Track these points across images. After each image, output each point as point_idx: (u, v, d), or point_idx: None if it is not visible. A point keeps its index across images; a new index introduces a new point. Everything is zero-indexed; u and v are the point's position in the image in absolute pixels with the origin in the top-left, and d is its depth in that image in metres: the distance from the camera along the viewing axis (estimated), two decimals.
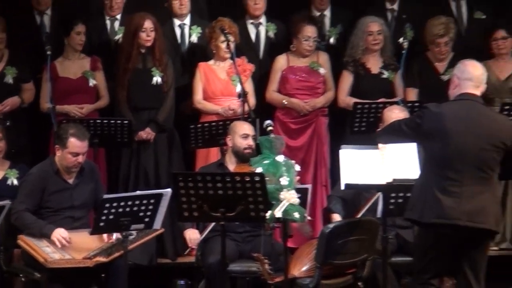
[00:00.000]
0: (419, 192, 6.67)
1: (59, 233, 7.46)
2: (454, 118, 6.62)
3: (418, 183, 6.77)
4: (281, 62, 9.23)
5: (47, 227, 7.53)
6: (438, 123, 6.63)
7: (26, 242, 7.49)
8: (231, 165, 7.89)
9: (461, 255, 6.67)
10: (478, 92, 6.70)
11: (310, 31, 9.11)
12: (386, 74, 9.16)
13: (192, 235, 7.69)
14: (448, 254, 6.67)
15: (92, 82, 9.04)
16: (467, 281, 6.69)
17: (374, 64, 9.19)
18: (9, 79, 8.89)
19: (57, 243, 7.42)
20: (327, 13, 9.63)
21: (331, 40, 9.60)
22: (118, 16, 9.38)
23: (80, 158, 7.67)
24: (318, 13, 9.58)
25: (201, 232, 7.99)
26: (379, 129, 7.30)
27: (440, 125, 6.61)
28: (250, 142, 7.67)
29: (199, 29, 9.40)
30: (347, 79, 9.22)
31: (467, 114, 6.63)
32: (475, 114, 6.63)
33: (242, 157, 7.65)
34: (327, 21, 9.64)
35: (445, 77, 9.05)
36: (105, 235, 7.58)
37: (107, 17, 9.42)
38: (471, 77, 6.69)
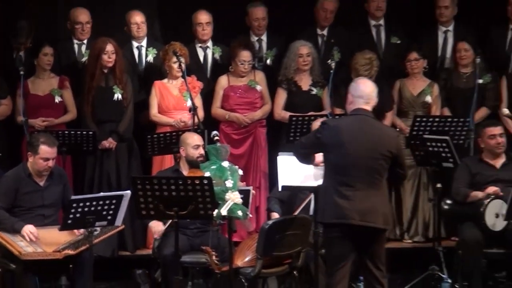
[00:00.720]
0: (322, 196, 6.70)
1: (28, 229, 7.45)
2: (349, 131, 6.65)
3: (321, 188, 6.77)
4: (222, 82, 9.22)
5: (18, 223, 7.49)
6: (335, 136, 6.65)
7: (2, 237, 7.45)
8: (185, 170, 7.88)
9: (361, 251, 6.68)
10: (369, 107, 6.74)
11: (245, 55, 9.08)
12: (315, 91, 9.19)
13: (157, 227, 7.68)
14: (350, 250, 6.64)
15: (57, 99, 8.94)
16: (371, 272, 6.71)
17: (304, 82, 9.18)
18: None
19: (27, 237, 7.40)
20: (264, 38, 9.60)
21: (268, 61, 9.57)
22: (85, 41, 9.28)
23: (50, 163, 7.65)
24: (256, 38, 9.56)
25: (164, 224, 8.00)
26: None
27: (336, 138, 6.64)
28: (201, 151, 7.69)
29: (154, 51, 9.35)
30: (282, 95, 9.23)
31: (360, 127, 6.67)
32: (367, 127, 6.68)
33: (195, 164, 7.60)
34: (264, 45, 9.61)
35: None
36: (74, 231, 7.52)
37: (75, 41, 9.30)
38: (363, 94, 6.73)
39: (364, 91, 6.76)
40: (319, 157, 6.90)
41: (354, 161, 6.57)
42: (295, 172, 7.18)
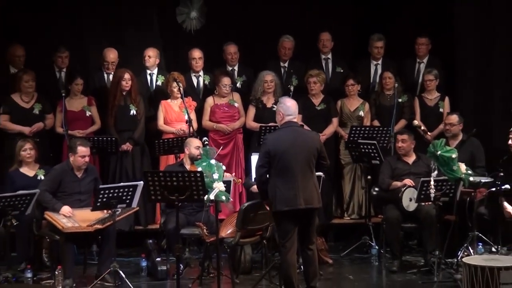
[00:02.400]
0: (271, 192, 6.65)
1: (65, 210, 7.55)
2: (287, 139, 6.66)
3: (270, 186, 6.67)
4: (209, 101, 9.15)
5: (58, 204, 7.56)
6: (278, 145, 6.64)
7: (50, 215, 7.56)
8: (188, 165, 7.93)
9: (302, 225, 6.72)
10: (295, 119, 6.81)
11: (226, 81, 9.05)
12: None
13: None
14: (294, 227, 6.68)
15: (88, 113, 8.90)
16: (308, 237, 6.75)
17: (269, 101, 9.09)
18: (36, 111, 8.74)
19: (64, 215, 7.52)
20: (236, 68, 9.46)
21: (238, 85, 9.40)
22: (113, 72, 9.13)
23: (86, 159, 7.73)
24: (230, 68, 9.43)
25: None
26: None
27: (277, 146, 6.63)
28: (200, 151, 7.51)
29: (162, 77, 9.23)
30: (252, 111, 9.18)
31: (294, 136, 6.70)
32: (298, 135, 6.74)
33: (196, 160, 7.44)
34: (235, 73, 9.46)
35: (318, 108, 9.12)
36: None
37: (104, 72, 9.22)
38: (290, 112, 6.77)
39: (291, 109, 6.79)
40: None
41: (295, 160, 6.62)
42: None
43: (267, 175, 6.69)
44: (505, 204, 7.94)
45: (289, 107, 6.81)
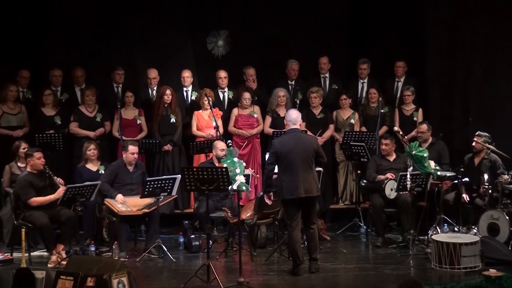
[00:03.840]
0: (278, 185, 6.75)
1: (119, 197, 7.62)
2: (288, 142, 6.75)
3: (278, 179, 6.77)
4: (235, 111, 9.08)
5: (114, 193, 7.64)
6: (283, 147, 6.74)
7: (108, 202, 7.67)
8: (216, 163, 7.88)
9: (304, 209, 6.81)
10: (297, 126, 6.82)
11: (246, 95, 9.00)
12: None
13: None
14: (298, 211, 6.78)
15: (138, 122, 8.88)
16: (309, 219, 6.83)
17: (282, 111, 8.92)
18: (98, 119, 8.76)
19: (119, 201, 7.60)
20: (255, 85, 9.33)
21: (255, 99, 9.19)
22: (155, 88, 9.15)
23: (135, 155, 7.78)
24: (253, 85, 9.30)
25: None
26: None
27: (283, 148, 6.73)
28: (224, 152, 7.45)
29: (195, 93, 9.19)
30: (268, 120, 9.12)
31: (295, 139, 6.76)
32: (298, 138, 6.78)
33: (220, 160, 7.48)
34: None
35: (318, 117, 9.04)
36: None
37: (149, 88, 9.20)
38: (292, 119, 6.84)
39: (292, 117, 6.83)
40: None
41: (296, 158, 6.69)
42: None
43: (274, 171, 6.73)
44: (464, 193, 7.99)
45: (292, 117, 6.85)
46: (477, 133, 8.08)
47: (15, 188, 7.47)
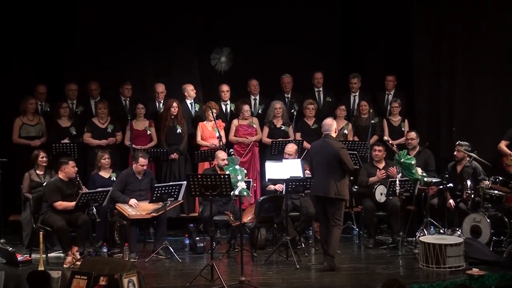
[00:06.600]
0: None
1: (132, 201, 7.62)
2: (316, 147, 6.97)
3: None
4: (235, 122, 9.04)
5: (127, 198, 7.63)
6: (311, 150, 7.08)
7: (120, 206, 7.66)
8: (218, 170, 7.85)
9: (324, 207, 6.91)
10: (329, 133, 6.93)
11: (245, 107, 8.98)
12: (284, 128, 9.05)
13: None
14: (322, 208, 6.92)
15: (148, 132, 8.86)
16: (328, 221, 6.88)
17: (278, 122, 9.02)
18: (109, 130, 8.71)
19: (133, 206, 7.60)
20: (257, 97, 9.38)
21: (259, 111, 9.33)
22: (162, 101, 9.12)
23: (144, 167, 7.79)
24: (253, 97, 9.35)
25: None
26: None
27: (311, 150, 7.06)
28: (225, 162, 7.54)
29: (198, 105, 9.18)
30: (266, 130, 9.09)
31: (320, 145, 6.94)
32: (324, 144, 6.90)
33: (222, 168, 7.58)
34: (257, 102, 9.39)
35: (312, 127, 9.01)
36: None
37: (156, 101, 9.17)
38: (325, 128, 7.00)
39: (325, 126, 7.00)
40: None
41: (320, 161, 6.85)
42: (276, 170, 7.34)
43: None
44: (450, 199, 7.98)
45: (324, 125, 7.00)
46: (457, 142, 8.07)
47: (43, 190, 7.48)
